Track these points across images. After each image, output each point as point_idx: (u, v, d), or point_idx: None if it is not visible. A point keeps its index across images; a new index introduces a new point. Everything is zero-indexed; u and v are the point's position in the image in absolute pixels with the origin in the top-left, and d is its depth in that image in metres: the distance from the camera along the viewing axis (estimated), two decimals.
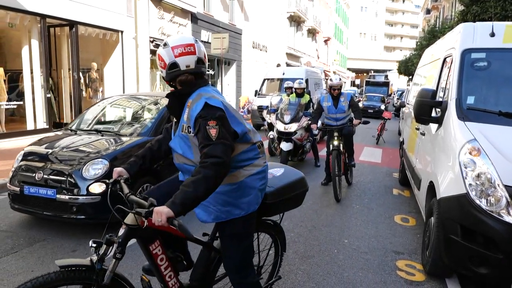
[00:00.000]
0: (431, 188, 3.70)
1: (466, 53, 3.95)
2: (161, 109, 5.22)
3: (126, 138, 4.78)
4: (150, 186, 4.42)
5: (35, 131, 9.01)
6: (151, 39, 13.44)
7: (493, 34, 3.94)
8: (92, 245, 1.89)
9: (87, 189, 3.99)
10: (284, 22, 28.22)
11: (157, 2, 13.79)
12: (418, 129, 5.11)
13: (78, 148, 4.51)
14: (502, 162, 2.95)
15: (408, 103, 7.77)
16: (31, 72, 9.47)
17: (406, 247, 4.21)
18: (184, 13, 15.38)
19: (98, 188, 4.01)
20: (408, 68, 33.83)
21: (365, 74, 65.82)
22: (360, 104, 19.07)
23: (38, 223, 4.53)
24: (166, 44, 2.09)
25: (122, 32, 11.84)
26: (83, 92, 11.23)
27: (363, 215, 5.24)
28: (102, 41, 11.68)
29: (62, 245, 3.97)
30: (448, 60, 4.44)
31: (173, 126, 2.28)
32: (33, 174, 4.19)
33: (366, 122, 6.60)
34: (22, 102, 9.51)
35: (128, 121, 5.51)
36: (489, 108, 3.59)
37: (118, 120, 5.65)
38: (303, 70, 15.12)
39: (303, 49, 33.88)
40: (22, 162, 4.42)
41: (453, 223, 3.06)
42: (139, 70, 12.84)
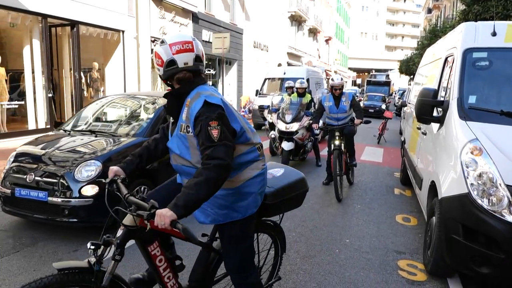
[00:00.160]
0: (433, 187, 3.70)
1: (467, 52, 3.94)
2: (157, 109, 5.08)
3: (121, 138, 4.65)
4: (145, 188, 4.39)
5: (37, 131, 9.01)
6: (152, 39, 13.44)
7: (494, 34, 3.93)
8: (90, 247, 1.87)
9: (80, 191, 3.88)
10: (285, 21, 28.20)
11: (158, 1, 13.79)
12: (419, 128, 5.10)
13: (70, 149, 4.41)
14: (504, 162, 2.95)
15: (409, 103, 7.77)
16: (33, 72, 9.48)
17: (407, 247, 4.21)
18: (185, 12, 15.38)
19: (90, 190, 3.91)
20: (409, 67, 33.77)
21: (366, 73, 65.73)
22: (360, 103, 19.04)
23: (39, 223, 4.52)
24: (163, 41, 2.05)
25: (123, 31, 11.84)
26: (84, 91, 11.24)
27: (365, 215, 5.24)
28: (103, 40, 11.68)
29: (66, 244, 3.97)
30: (449, 59, 4.43)
31: (170, 126, 2.24)
32: (24, 176, 4.07)
33: (367, 122, 6.60)
34: (23, 102, 9.53)
35: (123, 121, 5.37)
36: (490, 107, 3.58)
37: (113, 120, 5.53)
38: (304, 70, 15.12)
39: (304, 48, 33.85)
40: (14, 164, 4.31)
41: (454, 223, 3.05)
42: (140, 70, 12.85)
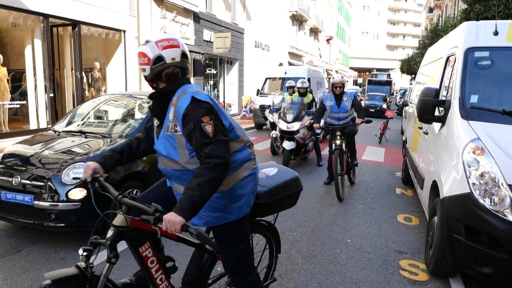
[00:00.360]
0: (434, 187, 3.69)
1: (469, 51, 3.93)
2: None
3: (112, 139, 4.53)
4: (137, 191, 4.29)
5: (38, 131, 9.01)
6: None
7: (496, 33, 3.92)
8: (82, 253, 1.83)
9: (67, 195, 3.72)
10: (286, 21, 28.19)
11: (159, 1, 13.79)
12: (421, 128, 5.09)
13: (60, 150, 4.27)
14: (506, 161, 2.94)
15: (411, 102, 7.75)
16: (34, 71, 9.49)
17: (409, 247, 4.20)
18: (186, 12, 15.38)
19: (78, 193, 3.75)
20: (410, 67, 33.74)
21: (367, 73, 65.67)
22: (361, 103, 19.01)
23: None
24: (148, 41, 2.02)
25: (124, 31, 11.85)
26: (86, 91, 11.25)
27: (366, 215, 5.23)
28: (105, 40, 11.69)
29: (67, 243, 3.97)
30: (451, 59, 4.42)
31: (155, 128, 2.16)
32: (10, 179, 3.90)
33: (368, 121, 6.59)
34: (25, 102, 9.55)
35: (115, 122, 5.22)
36: (492, 107, 3.57)
37: (106, 121, 5.41)
38: (305, 69, 15.10)
39: (305, 48, 33.83)
40: (0, 165, 4.15)
41: (456, 223, 3.04)
42: None
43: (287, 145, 7.29)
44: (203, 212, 2.10)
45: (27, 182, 3.86)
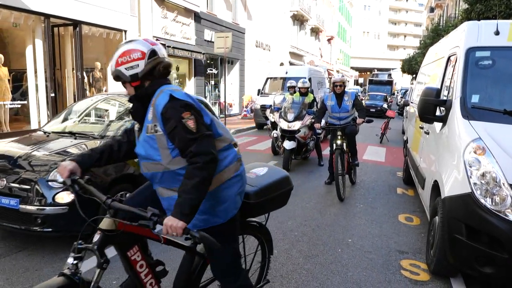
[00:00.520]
0: (436, 187, 3.69)
1: (470, 51, 3.93)
2: None
3: (103, 141, 4.36)
4: (128, 194, 4.02)
5: (39, 131, 9.04)
6: (155, 39, 13.43)
7: (497, 33, 3.92)
8: (73, 261, 1.75)
9: (54, 198, 3.57)
10: (287, 21, 28.18)
11: (160, 1, 13.80)
12: (422, 128, 5.09)
13: (50, 152, 4.11)
14: (507, 161, 2.94)
15: (412, 102, 7.74)
16: (35, 71, 9.50)
17: (410, 247, 4.20)
18: (187, 12, 15.38)
19: (66, 197, 3.59)
20: (411, 66, 33.69)
21: (368, 72, 65.69)
22: (362, 103, 19.00)
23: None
24: (131, 40, 1.97)
25: (125, 31, 11.85)
26: (87, 91, 11.25)
27: (367, 214, 5.23)
28: (106, 40, 11.69)
29: (69, 243, 3.96)
30: (452, 58, 4.42)
31: (136, 133, 2.08)
32: None
33: (369, 121, 6.59)
34: (26, 102, 9.55)
35: (107, 122, 5.05)
36: (493, 106, 3.57)
37: (97, 122, 5.22)
38: (306, 69, 15.10)
39: (306, 48, 33.82)
40: None
41: (457, 223, 3.04)
42: None
43: (288, 144, 7.29)
44: None
45: (14, 185, 3.69)
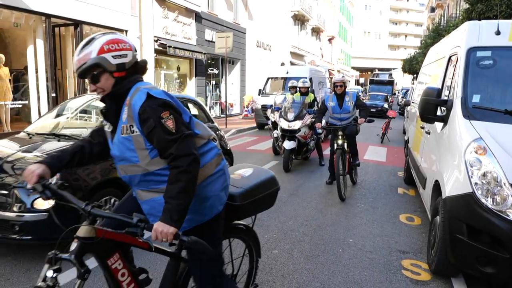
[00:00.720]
0: (437, 187, 3.69)
1: (471, 51, 3.93)
2: None
3: None
4: (115, 199, 3.96)
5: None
6: (156, 39, 13.47)
7: (498, 33, 3.91)
8: (52, 275, 1.65)
9: (32, 204, 3.36)
10: (288, 21, 28.18)
11: (161, 1, 13.81)
12: (423, 127, 5.09)
13: (34, 154, 3.87)
14: (508, 161, 2.93)
15: (413, 102, 7.74)
16: (36, 71, 9.52)
17: (411, 246, 4.20)
18: (188, 12, 15.39)
19: (46, 203, 3.39)
20: (412, 66, 33.69)
21: (369, 72, 65.68)
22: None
23: None
24: (111, 33, 1.89)
25: (126, 31, 11.86)
26: (88, 91, 11.27)
27: (368, 214, 5.23)
28: None
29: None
30: (453, 58, 4.42)
31: (108, 134, 1.96)
32: None
33: (370, 121, 6.58)
34: (27, 102, 9.57)
35: (93, 124, 4.84)
36: (495, 106, 3.57)
37: (84, 123, 5.03)
38: (307, 69, 15.10)
39: (307, 48, 33.82)
40: None
41: (459, 223, 3.04)
42: None
43: (288, 144, 7.29)
44: None
45: None
